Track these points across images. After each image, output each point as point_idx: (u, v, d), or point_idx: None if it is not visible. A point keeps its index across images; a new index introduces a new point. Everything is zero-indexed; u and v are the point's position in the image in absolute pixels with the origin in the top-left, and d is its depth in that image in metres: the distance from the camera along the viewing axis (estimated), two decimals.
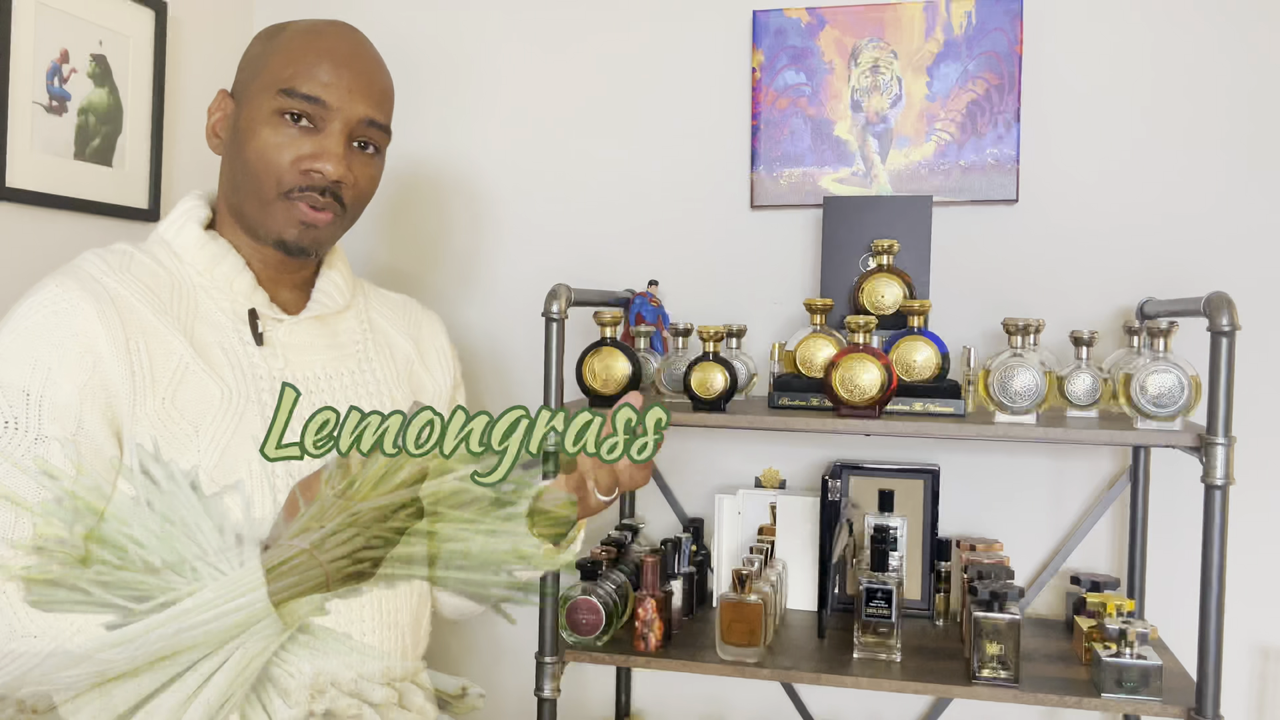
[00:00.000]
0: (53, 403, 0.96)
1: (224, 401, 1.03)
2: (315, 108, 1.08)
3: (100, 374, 0.98)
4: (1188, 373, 1.35)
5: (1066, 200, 1.72)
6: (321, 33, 1.11)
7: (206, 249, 1.10)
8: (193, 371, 1.03)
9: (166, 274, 1.08)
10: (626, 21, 1.88)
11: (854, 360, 1.42)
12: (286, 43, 1.10)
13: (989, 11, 1.71)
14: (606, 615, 1.52)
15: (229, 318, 1.08)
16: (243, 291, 1.10)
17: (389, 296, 1.30)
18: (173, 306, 1.05)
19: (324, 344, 1.15)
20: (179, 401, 1.01)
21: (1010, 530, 1.74)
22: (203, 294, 1.08)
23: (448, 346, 1.32)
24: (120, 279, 1.04)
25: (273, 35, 1.12)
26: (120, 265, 1.06)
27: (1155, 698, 1.34)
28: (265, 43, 1.12)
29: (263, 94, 1.08)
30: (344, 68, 1.10)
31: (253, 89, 1.09)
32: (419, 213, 1.97)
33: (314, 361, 1.13)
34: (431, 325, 1.32)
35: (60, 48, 1.52)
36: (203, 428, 1.01)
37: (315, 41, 1.10)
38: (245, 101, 1.10)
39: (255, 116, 1.08)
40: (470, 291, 1.94)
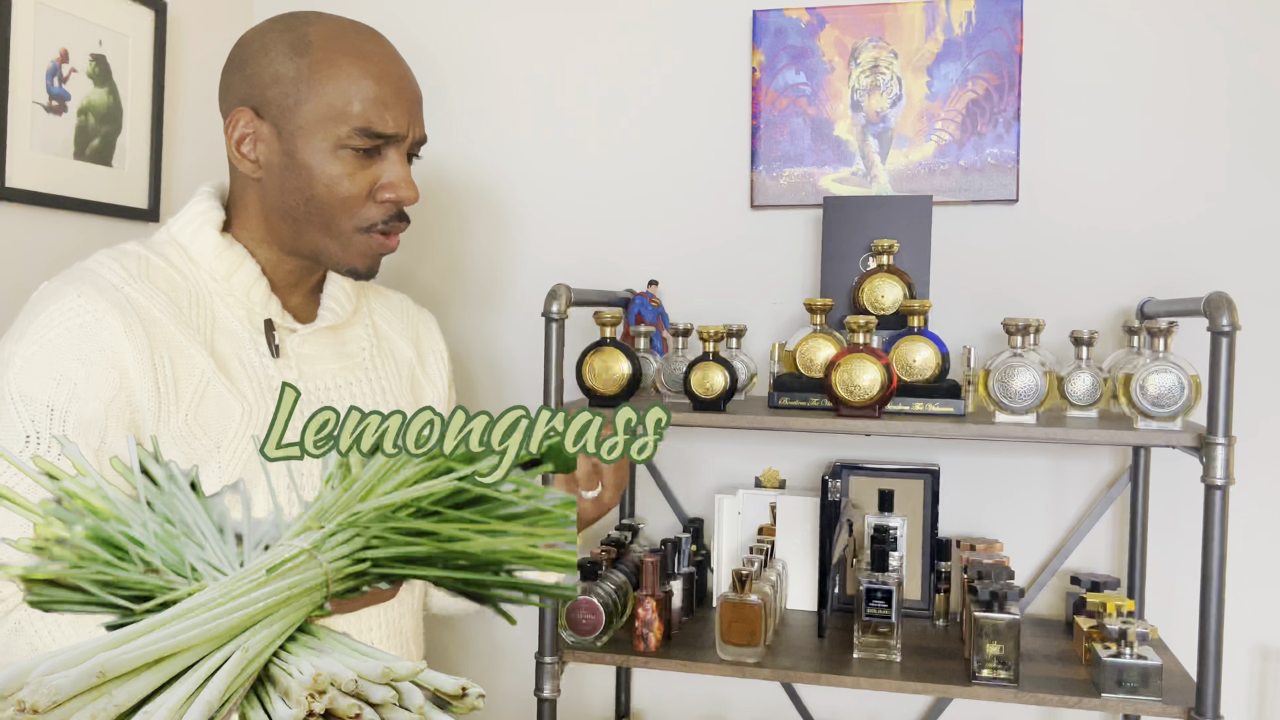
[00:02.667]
0: (78, 418, 0.94)
1: (244, 418, 1.02)
2: (386, 141, 1.06)
3: (126, 390, 0.96)
4: (1188, 373, 1.35)
5: (1066, 200, 1.72)
6: (366, 54, 1.06)
7: (224, 256, 1.07)
8: (214, 387, 1.01)
9: (184, 280, 1.05)
10: (627, 21, 1.87)
11: (854, 360, 1.42)
12: (331, 67, 1.04)
13: (989, 11, 1.71)
14: (606, 615, 1.52)
15: (245, 328, 1.07)
16: (259, 301, 1.08)
17: (387, 296, 1.30)
18: (193, 317, 1.03)
19: (332, 354, 1.14)
20: (202, 418, 1.00)
21: (1010, 530, 1.74)
22: (219, 302, 1.06)
23: (443, 349, 1.32)
24: (140, 288, 1.01)
25: (301, 51, 1.04)
26: (139, 272, 1.02)
27: (1155, 698, 1.34)
28: (296, 60, 1.04)
29: (324, 127, 1.04)
30: (401, 93, 1.07)
31: (304, 118, 1.04)
32: (419, 212, 1.97)
33: (324, 371, 1.12)
34: (428, 328, 1.31)
35: (60, 47, 1.52)
36: (224, 444, 1.00)
37: (365, 65, 1.05)
38: (295, 130, 1.04)
39: (316, 149, 1.04)
40: (470, 291, 1.94)
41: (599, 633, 1.52)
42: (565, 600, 1.57)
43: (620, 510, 1.88)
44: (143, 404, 0.97)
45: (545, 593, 0.60)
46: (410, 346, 1.26)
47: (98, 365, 0.95)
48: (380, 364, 1.20)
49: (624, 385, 1.53)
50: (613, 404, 1.52)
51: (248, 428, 1.02)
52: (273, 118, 1.05)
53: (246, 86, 1.06)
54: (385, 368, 1.20)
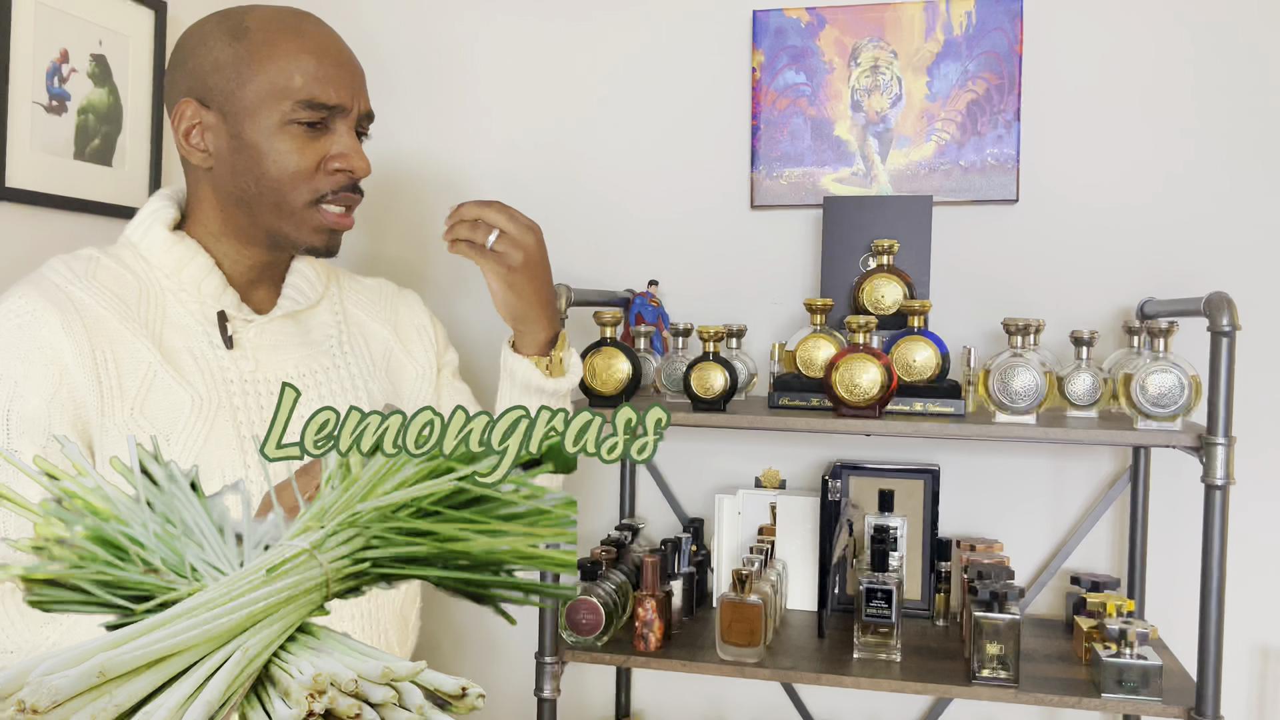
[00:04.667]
0: (20, 416, 0.96)
1: (194, 409, 1.03)
2: (331, 113, 1.07)
3: (67, 385, 0.97)
4: (1188, 373, 1.35)
5: (1066, 200, 1.72)
6: (302, 31, 1.08)
7: (173, 251, 1.08)
8: (161, 379, 1.02)
9: (134, 278, 1.06)
10: (626, 21, 1.87)
11: (854, 360, 1.42)
12: (269, 47, 1.06)
13: (989, 11, 1.71)
14: (606, 615, 1.52)
15: (198, 321, 1.07)
16: (211, 294, 1.08)
17: (364, 283, 1.29)
18: (140, 312, 1.04)
19: (296, 342, 1.14)
20: (148, 410, 1.01)
21: (1010, 530, 1.74)
22: (170, 297, 1.07)
23: (428, 322, 1.30)
24: (85, 287, 1.02)
25: (238, 36, 1.06)
26: (86, 272, 1.04)
27: (1155, 698, 1.34)
28: (233, 45, 1.06)
29: (267, 105, 1.05)
30: (341, 66, 1.09)
31: (246, 99, 1.05)
32: (419, 212, 1.97)
33: (285, 360, 1.12)
34: (408, 304, 1.30)
35: (60, 47, 1.52)
36: (174, 436, 1.01)
37: (303, 41, 1.07)
38: (240, 112, 1.05)
39: (263, 128, 1.05)
40: (471, 291, 1.94)
41: (599, 633, 1.52)
42: (565, 600, 1.57)
43: (620, 510, 1.88)
44: (85, 398, 0.98)
45: (545, 593, 0.60)
46: (388, 328, 1.26)
47: (37, 363, 0.97)
48: (349, 350, 1.20)
49: (624, 385, 1.53)
50: (613, 404, 1.52)
51: (197, 419, 1.03)
52: (217, 104, 1.06)
53: (189, 79, 1.08)
54: (355, 353, 1.20)
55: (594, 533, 1.84)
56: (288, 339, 1.14)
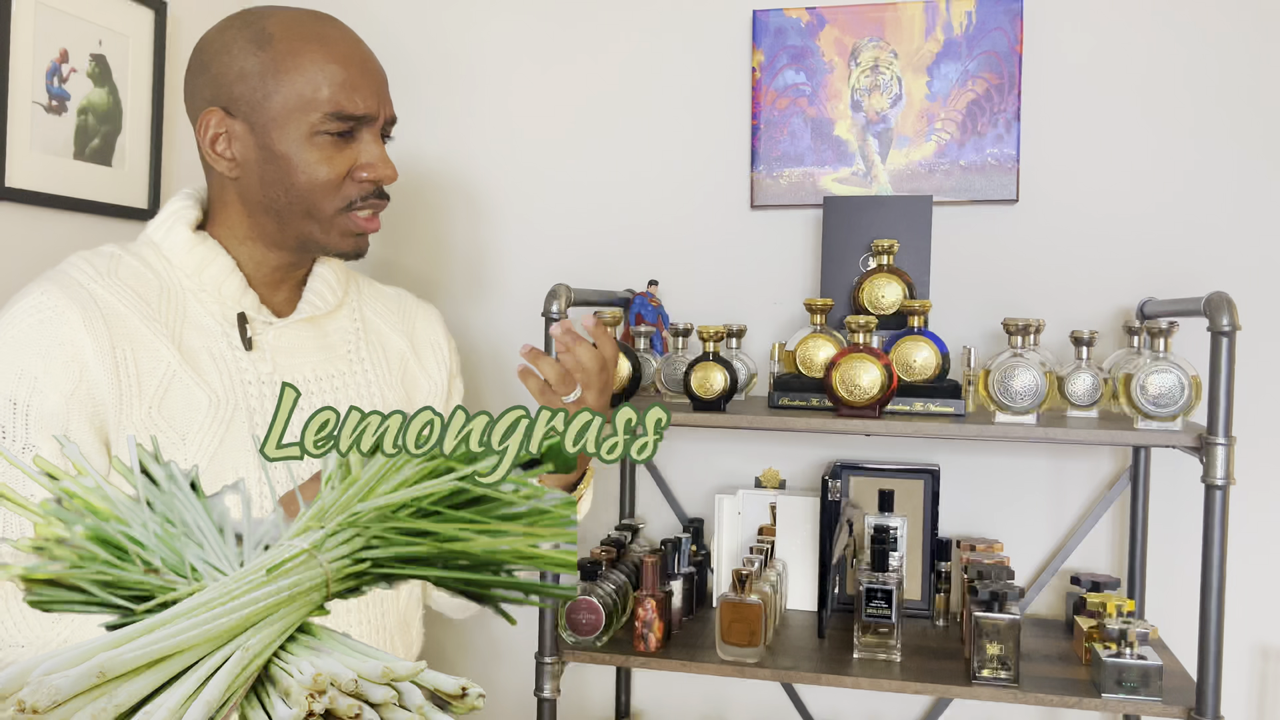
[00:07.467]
0: (39, 412, 0.96)
1: (211, 409, 1.03)
2: (358, 122, 1.07)
3: (86, 383, 0.97)
4: (1188, 373, 1.35)
5: (1066, 200, 1.72)
6: (326, 38, 1.07)
7: (195, 251, 1.08)
8: (180, 379, 1.02)
9: (155, 277, 1.06)
10: (626, 21, 1.87)
11: (854, 360, 1.42)
12: (295, 56, 1.05)
13: (989, 11, 1.71)
14: (606, 615, 1.52)
15: (218, 322, 1.07)
16: (232, 295, 1.08)
17: (383, 290, 1.29)
18: (161, 312, 1.04)
19: (314, 345, 1.14)
20: (166, 410, 1.01)
21: (1010, 530, 1.74)
22: (191, 298, 1.07)
23: (443, 340, 1.31)
24: (107, 284, 1.02)
25: (262, 44, 1.05)
26: (107, 270, 1.04)
27: (1155, 698, 1.34)
28: (259, 54, 1.05)
29: (295, 116, 1.04)
30: (367, 74, 1.09)
31: (274, 110, 1.04)
32: (420, 212, 1.97)
33: (304, 364, 1.12)
34: (426, 319, 1.30)
35: (60, 47, 1.52)
36: (190, 436, 1.01)
37: (328, 50, 1.06)
38: (268, 123, 1.05)
39: (291, 139, 1.05)
40: (471, 291, 1.94)
41: (599, 633, 1.52)
42: (565, 600, 1.57)
43: (620, 510, 1.88)
44: (104, 396, 0.98)
45: (545, 593, 0.60)
46: (404, 339, 1.26)
47: (57, 359, 0.97)
48: (367, 356, 1.20)
49: (624, 385, 1.53)
50: (613, 404, 1.52)
51: (214, 419, 1.03)
52: (243, 114, 1.06)
53: (212, 87, 1.07)
54: (371, 361, 1.20)
55: (594, 533, 1.84)
56: (306, 342, 1.14)
